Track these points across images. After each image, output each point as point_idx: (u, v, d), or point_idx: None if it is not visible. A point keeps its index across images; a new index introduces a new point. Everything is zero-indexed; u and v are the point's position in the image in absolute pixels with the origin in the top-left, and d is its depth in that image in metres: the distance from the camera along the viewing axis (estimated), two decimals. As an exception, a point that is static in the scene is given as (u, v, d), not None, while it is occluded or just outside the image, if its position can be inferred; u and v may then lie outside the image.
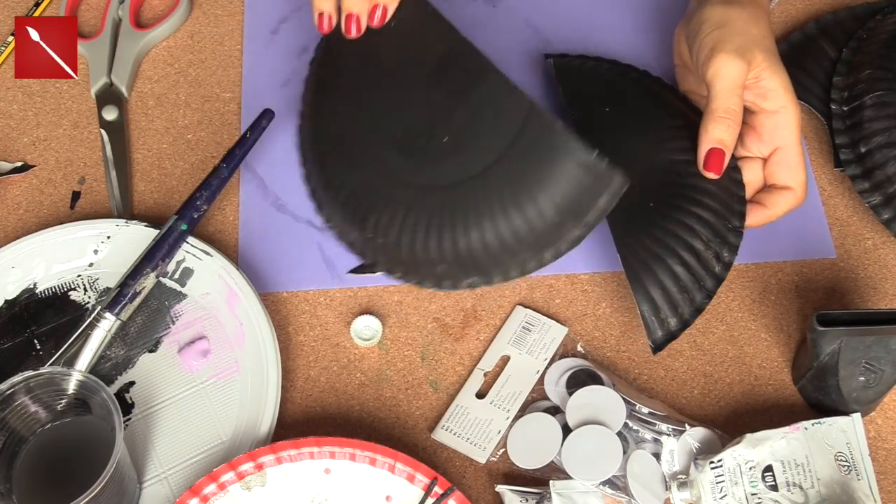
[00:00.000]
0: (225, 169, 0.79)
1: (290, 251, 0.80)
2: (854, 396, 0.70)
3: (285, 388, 0.75)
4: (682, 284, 0.71)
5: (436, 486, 0.68)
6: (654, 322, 0.71)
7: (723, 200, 0.73)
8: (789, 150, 0.74)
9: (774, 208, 0.75)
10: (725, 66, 0.72)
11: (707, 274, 0.72)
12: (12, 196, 0.83)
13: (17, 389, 0.65)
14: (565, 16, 0.92)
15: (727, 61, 0.72)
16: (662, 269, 0.71)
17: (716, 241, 0.72)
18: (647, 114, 0.78)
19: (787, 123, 0.73)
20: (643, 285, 0.71)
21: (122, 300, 0.73)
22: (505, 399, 0.73)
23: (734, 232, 0.73)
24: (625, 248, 0.72)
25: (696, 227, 0.72)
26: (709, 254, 0.72)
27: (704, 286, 0.72)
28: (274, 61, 0.89)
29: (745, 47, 0.72)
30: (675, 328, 0.71)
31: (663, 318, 0.71)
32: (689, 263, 0.71)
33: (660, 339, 0.71)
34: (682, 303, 0.71)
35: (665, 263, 0.71)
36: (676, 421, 0.71)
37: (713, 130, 0.72)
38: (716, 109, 0.72)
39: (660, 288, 0.71)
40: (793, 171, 0.74)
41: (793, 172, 0.74)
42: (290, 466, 0.68)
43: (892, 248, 0.80)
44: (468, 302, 0.78)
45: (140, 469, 0.71)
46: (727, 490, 0.67)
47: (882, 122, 0.79)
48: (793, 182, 0.74)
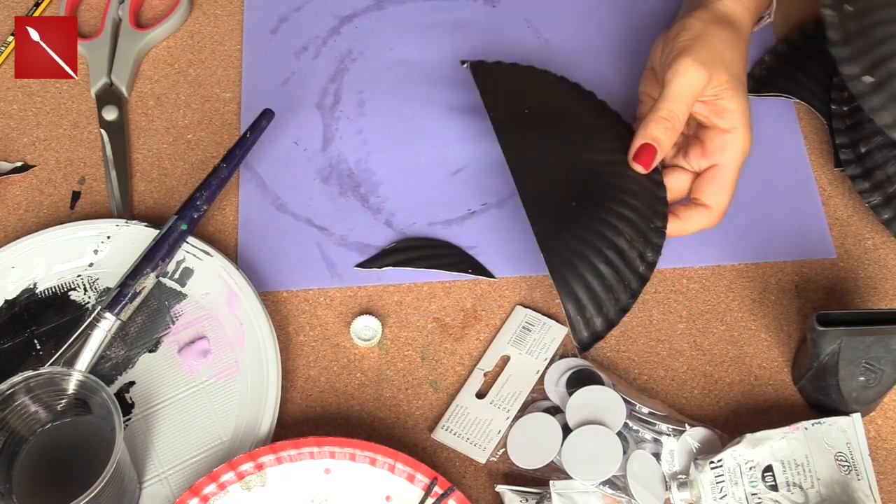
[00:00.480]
0: (225, 169, 0.79)
1: (290, 251, 0.80)
2: (854, 396, 0.70)
3: (285, 388, 0.75)
4: (607, 283, 0.71)
5: (436, 486, 0.68)
6: (580, 322, 0.70)
7: (645, 201, 0.73)
8: (726, 171, 0.74)
9: (686, 222, 0.75)
10: (686, 71, 0.72)
11: (631, 273, 0.72)
12: (12, 196, 0.83)
13: (17, 389, 0.65)
14: (565, 16, 0.92)
15: (689, 67, 0.72)
16: (587, 267, 0.71)
17: (639, 241, 0.72)
18: (568, 114, 0.78)
19: (734, 145, 0.74)
20: (568, 284, 0.70)
21: (122, 300, 0.73)
22: (505, 399, 0.73)
23: (657, 232, 0.73)
24: (548, 246, 0.71)
25: (619, 225, 0.72)
26: (633, 253, 0.72)
27: (629, 286, 0.72)
28: (274, 61, 0.89)
29: (713, 62, 0.73)
30: (600, 328, 0.71)
31: (588, 317, 0.70)
32: (613, 262, 0.71)
33: (586, 339, 0.71)
34: (607, 302, 0.71)
35: (589, 262, 0.71)
36: (676, 421, 0.71)
37: (652, 128, 0.73)
38: (660, 109, 0.73)
39: (585, 287, 0.70)
40: (721, 191, 0.74)
41: (720, 193, 0.74)
42: (290, 466, 0.68)
43: (892, 248, 0.80)
44: (468, 302, 0.78)
45: (140, 469, 0.71)
46: (727, 490, 0.67)
47: (882, 122, 0.79)
48: (715, 202, 0.74)
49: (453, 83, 0.88)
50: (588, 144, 0.76)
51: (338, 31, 0.91)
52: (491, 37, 0.90)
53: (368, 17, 0.92)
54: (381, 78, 0.89)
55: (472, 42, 0.90)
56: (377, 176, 0.84)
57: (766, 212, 0.81)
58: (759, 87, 0.87)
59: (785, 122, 0.86)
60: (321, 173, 0.84)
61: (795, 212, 0.82)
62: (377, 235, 0.81)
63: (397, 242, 0.80)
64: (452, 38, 0.90)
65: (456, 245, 0.80)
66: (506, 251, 0.80)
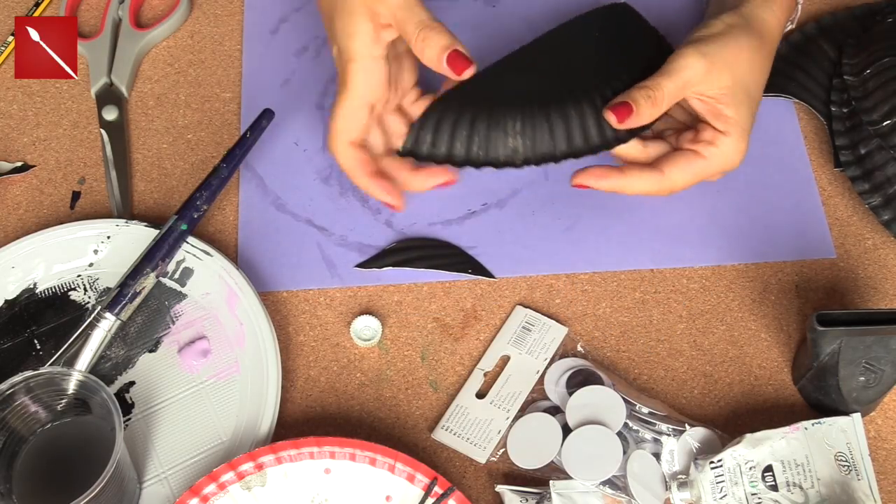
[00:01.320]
0: (225, 169, 0.79)
1: (290, 251, 0.80)
2: (854, 396, 0.70)
3: (285, 388, 0.75)
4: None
5: (436, 486, 0.68)
6: None
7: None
8: (702, 162, 0.73)
9: (632, 179, 0.73)
10: (685, 57, 0.71)
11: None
12: (12, 196, 0.83)
13: (17, 389, 0.65)
14: (565, 16, 0.92)
15: (690, 56, 0.71)
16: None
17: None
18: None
19: (724, 146, 0.72)
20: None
21: (122, 300, 0.73)
22: (505, 399, 0.73)
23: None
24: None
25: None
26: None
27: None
28: (274, 61, 0.89)
29: (719, 60, 0.71)
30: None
31: None
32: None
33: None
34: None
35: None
36: (676, 421, 0.71)
37: (634, 92, 0.71)
38: (647, 80, 0.72)
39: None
40: (684, 172, 0.73)
41: (682, 173, 0.73)
42: (290, 466, 0.68)
43: (892, 249, 0.80)
44: (468, 302, 0.78)
45: (140, 469, 0.71)
46: (727, 490, 0.67)
47: (882, 122, 0.79)
48: (672, 176, 0.73)
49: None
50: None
51: (338, 32, 0.91)
52: (491, 37, 0.90)
53: (368, 17, 0.92)
54: (381, 78, 0.89)
55: (473, 42, 0.90)
56: (377, 176, 0.84)
57: (766, 212, 0.81)
58: (759, 88, 0.87)
59: (785, 122, 0.86)
60: (321, 173, 0.84)
61: (795, 212, 0.82)
62: (377, 235, 0.81)
63: (397, 242, 0.80)
64: (452, 39, 0.90)
65: (456, 245, 0.80)
66: (506, 251, 0.80)
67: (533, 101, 0.72)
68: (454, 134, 0.72)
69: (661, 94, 0.71)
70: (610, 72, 0.74)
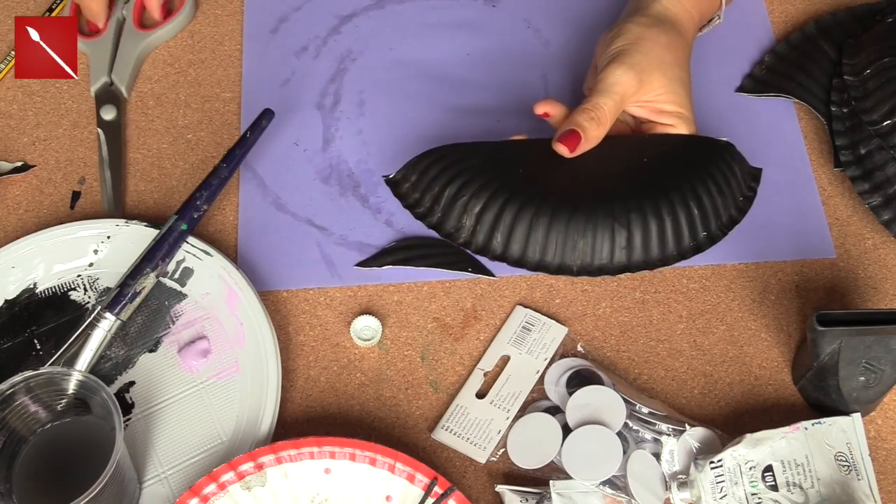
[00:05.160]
0: (225, 169, 0.79)
1: (290, 251, 0.80)
2: (854, 396, 0.70)
3: (285, 388, 0.75)
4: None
5: (436, 486, 0.68)
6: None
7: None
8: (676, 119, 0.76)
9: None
10: (615, 73, 0.75)
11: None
12: (12, 196, 0.83)
13: (17, 389, 0.65)
14: (565, 16, 0.92)
15: (620, 71, 0.74)
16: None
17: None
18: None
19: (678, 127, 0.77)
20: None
21: (122, 300, 0.73)
22: (505, 399, 0.73)
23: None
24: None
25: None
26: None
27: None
28: (274, 61, 0.89)
29: (647, 68, 0.75)
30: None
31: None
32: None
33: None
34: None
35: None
36: (676, 421, 0.71)
37: (577, 116, 0.74)
38: (585, 102, 0.74)
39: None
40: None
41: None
42: (290, 466, 0.68)
43: (892, 249, 0.80)
44: (468, 302, 0.78)
45: (140, 469, 0.71)
46: (727, 490, 0.67)
47: (882, 122, 0.79)
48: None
49: (454, 83, 0.88)
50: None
51: (338, 31, 0.91)
52: (491, 37, 0.90)
53: (368, 16, 0.92)
54: (381, 78, 0.89)
55: (473, 42, 0.90)
56: (377, 176, 0.84)
57: (765, 211, 0.81)
58: (759, 87, 0.87)
59: (785, 122, 0.86)
60: (321, 173, 0.84)
61: (795, 212, 0.82)
62: (377, 235, 0.81)
63: (397, 241, 0.80)
64: (452, 38, 0.90)
65: (456, 245, 0.80)
66: (506, 251, 0.80)
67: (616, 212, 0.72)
68: (529, 238, 0.73)
69: (603, 113, 0.74)
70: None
